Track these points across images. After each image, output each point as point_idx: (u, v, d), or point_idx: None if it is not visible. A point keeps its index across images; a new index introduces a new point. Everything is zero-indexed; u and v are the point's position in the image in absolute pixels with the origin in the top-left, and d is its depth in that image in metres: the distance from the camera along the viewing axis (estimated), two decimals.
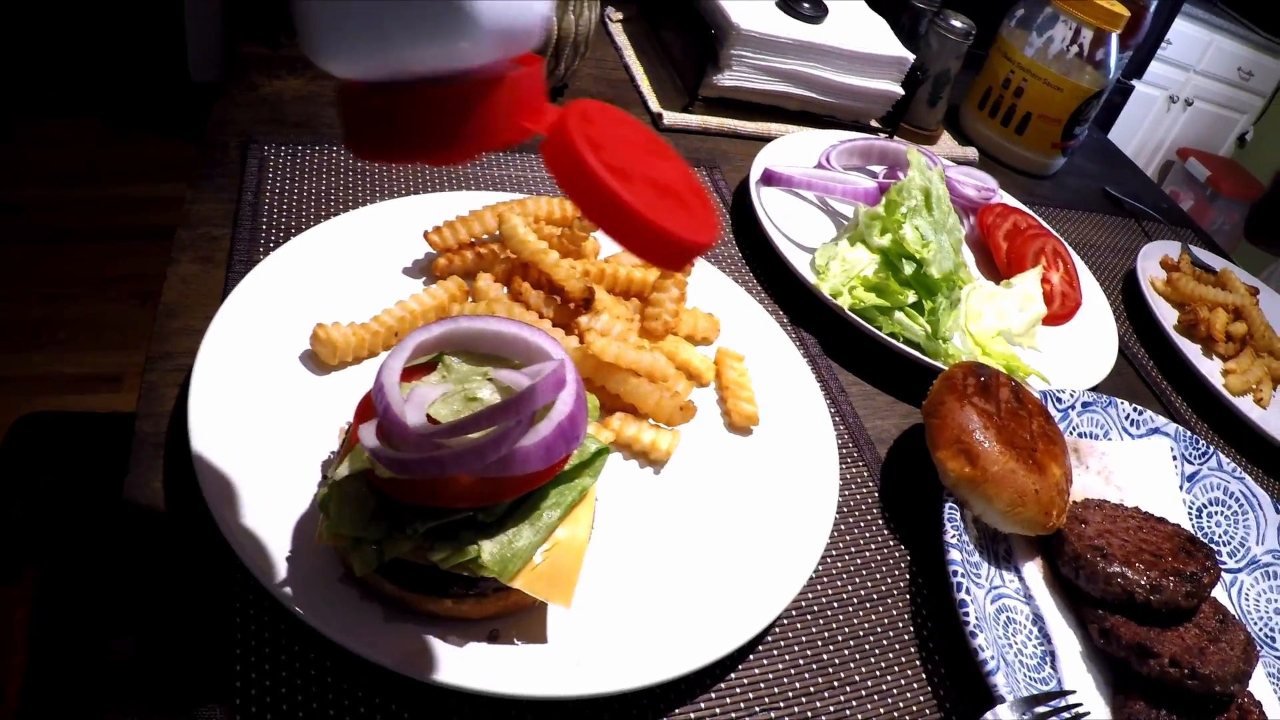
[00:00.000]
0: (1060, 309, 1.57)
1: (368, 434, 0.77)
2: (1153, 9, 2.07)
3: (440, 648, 0.80)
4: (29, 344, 3.05)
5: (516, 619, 0.85)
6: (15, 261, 3.31)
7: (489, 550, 0.78)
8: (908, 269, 1.34)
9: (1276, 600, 1.26)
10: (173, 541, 0.83)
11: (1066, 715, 0.99)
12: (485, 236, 1.19)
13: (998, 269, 1.63)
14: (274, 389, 0.96)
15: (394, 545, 0.77)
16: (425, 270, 1.17)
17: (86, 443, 1.63)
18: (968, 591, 1.01)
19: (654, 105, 1.75)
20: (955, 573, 1.02)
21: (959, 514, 1.09)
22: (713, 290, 1.28)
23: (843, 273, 1.35)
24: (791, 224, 1.50)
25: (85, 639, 1.35)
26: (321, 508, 0.80)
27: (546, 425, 0.77)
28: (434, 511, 0.78)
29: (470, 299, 1.13)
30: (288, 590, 0.78)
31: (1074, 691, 1.03)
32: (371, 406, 0.78)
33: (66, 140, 3.95)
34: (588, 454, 0.88)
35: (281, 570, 0.80)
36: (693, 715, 0.88)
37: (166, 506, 0.85)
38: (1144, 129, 5.95)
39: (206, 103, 1.40)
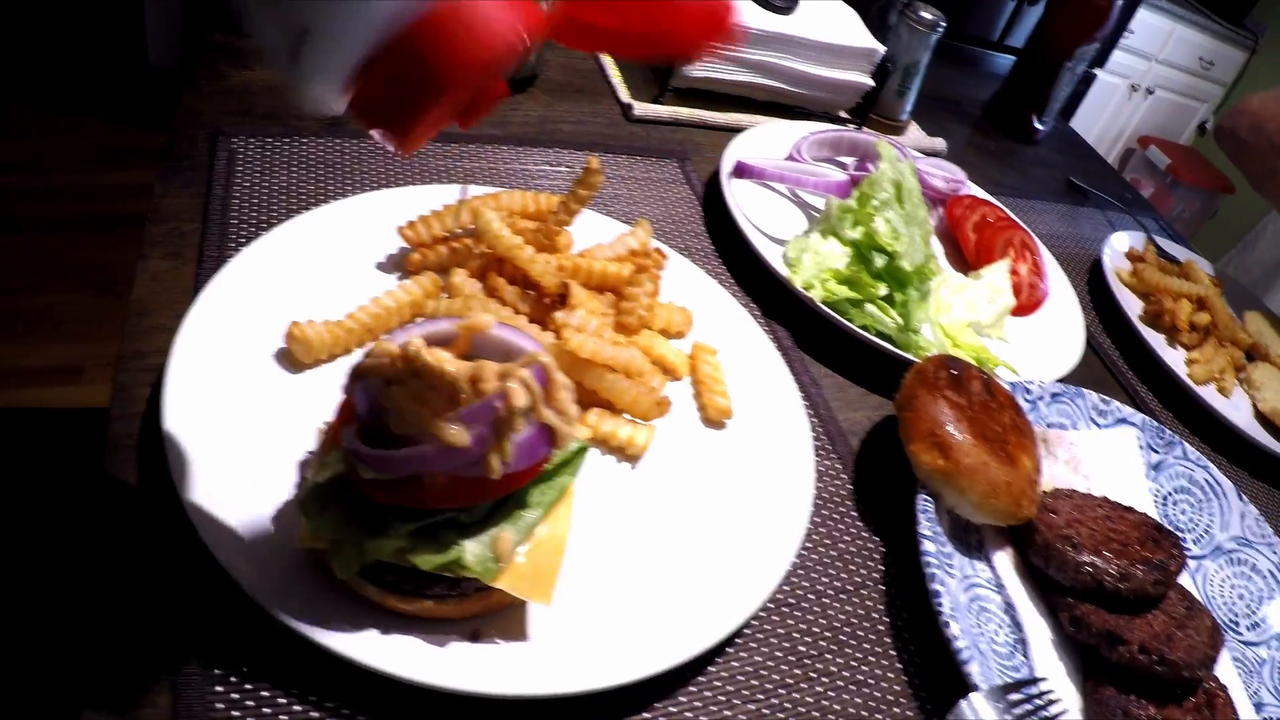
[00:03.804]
0: (1028, 300, 1.59)
1: (349, 436, 0.76)
2: (1120, 3, 2.09)
3: (422, 648, 0.80)
4: None
5: (498, 618, 0.85)
6: None
7: (472, 551, 0.78)
8: (879, 262, 1.35)
9: (1240, 586, 1.29)
10: (150, 546, 0.82)
11: (1039, 702, 1.01)
12: (460, 231, 1.18)
13: (966, 260, 1.64)
14: (249, 389, 0.95)
15: (376, 547, 0.77)
16: (400, 265, 1.16)
17: (52, 440, 1.61)
18: (941, 583, 1.02)
19: (624, 96, 1.75)
20: (929, 564, 1.03)
21: (932, 506, 1.10)
22: (686, 284, 1.29)
23: (815, 265, 1.36)
24: (763, 216, 1.50)
25: (61, 643, 1.33)
26: (302, 510, 0.79)
27: (530, 425, 0.77)
28: (416, 513, 0.77)
29: (445, 295, 1.12)
30: (267, 593, 0.77)
31: (1045, 679, 1.04)
32: (353, 407, 0.78)
33: (20, 126, 3.87)
34: (568, 452, 0.87)
35: (261, 573, 0.79)
36: (672, 709, 0.89)
37: (143, 511, 0.84)
38: (1105, 117, 6.00)
39: (165, 89, 1.38)
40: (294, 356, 0.99)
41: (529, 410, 0.76)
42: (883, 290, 1.35)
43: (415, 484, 0.75)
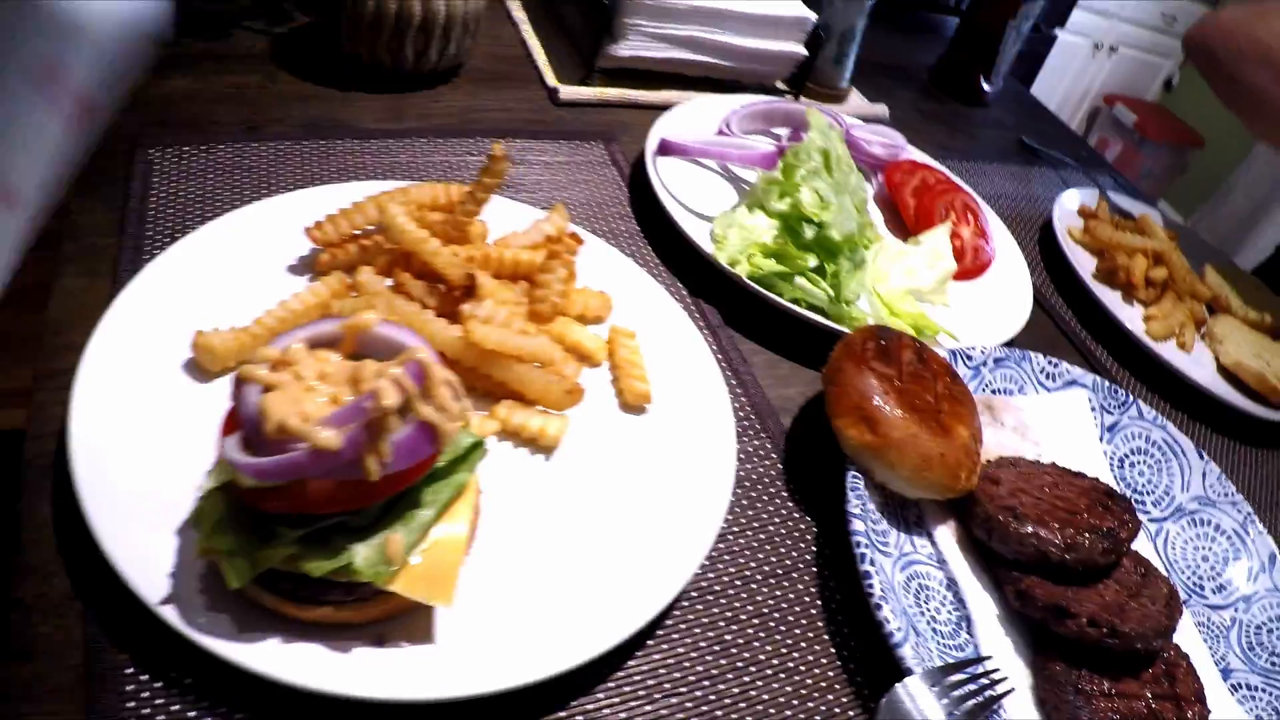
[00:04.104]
0: (972, 264, 1.54)
1: (230, 445, 0.74)
2: None
3: (326, 656, 0.77)
4: None
5: (403, 621, 0.82)
6: None
7: (362, 555, 0.75)
8: (808, 233, 1.30)
9: (1204, 548, 1.24)
10: (58, 565, 0.80)
11: (983, 681, 0.96)
12: (369, 228, 1.14)
13: (906, 226, 1.59)
14: (158, 401, 0.92)
15: (266, 556, 0.74)
16: (310, 266, 1.12)
17: None
18: (872, 562, 0.97)
19: (550, 80, 1.69)
20: (859, 543, 0.98)
21: (862, 483, 1.05)
22: (605, 268, 1.23)
23: (741, 240, 1.30)
24: (692, 194, 1.45)
25: None
26: (194, 522, 0.78)
27: (408, 424, 0.74)
28: (303, 519, 0.75)
29: (353, 294, 1.08)
30: (172, 608, 0.75)
31: (990, 657, 0.99)
32: (238, 418, 0.75)
33: None
34: (461, 448, 0.84)
35: (166, 587, 0.76)
36: (589, 707, 0.85)
37: (54, 531, 0.82)
38: (1070, 77, 5.96)
39: None
40: (201, 365, 0.96)
41: (405, 408, 0.74)
42: (812, 262, 1.29)
43: (298, 490, 0.73)
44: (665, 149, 1.47)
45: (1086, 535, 1.03)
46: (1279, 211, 3.02)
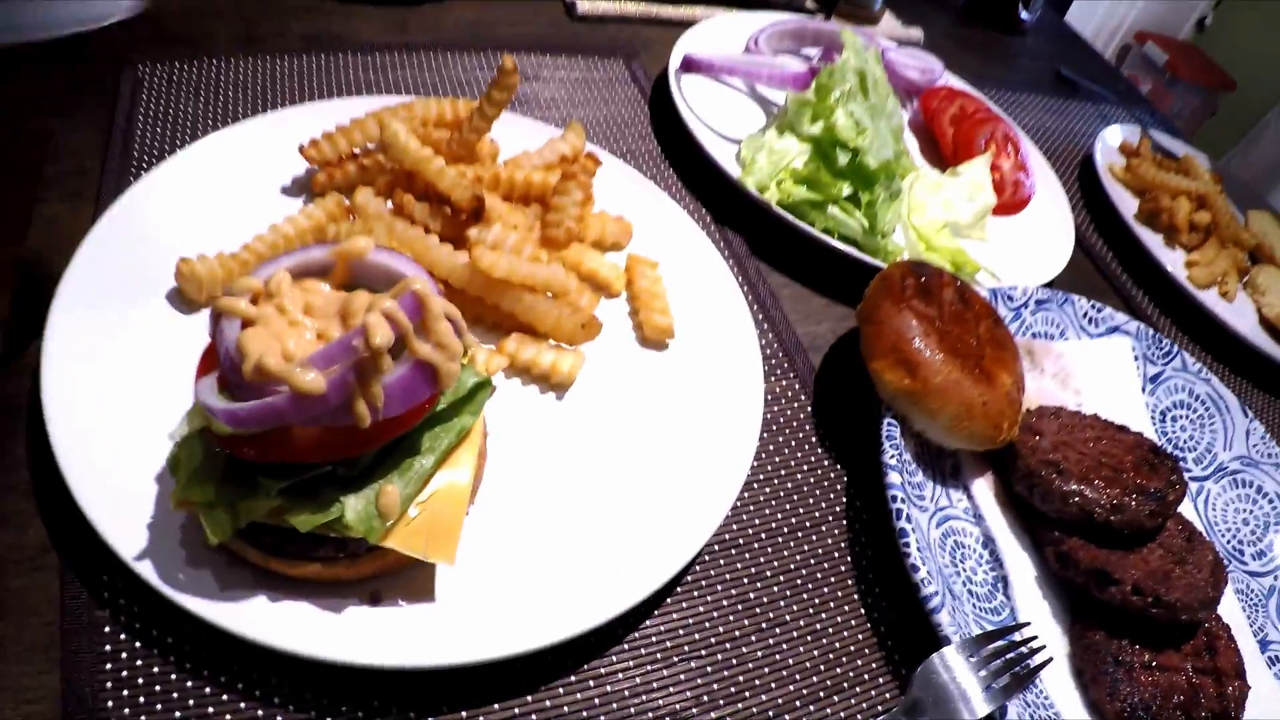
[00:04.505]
0: (1011, 198, 1.45)
1: (204, 387, 0.67)
2: None
3: (316, 616, 0.71)
4: None
5: (400, 578, 0.75)
6: None
7: (353, 508, 0.69)
8: (842, 159, 1.21)
9: (1245, 510, 1.17)
10: (30, 517, 0.74)
11: (1021, 651, 0.89)
12: (370, 146, 1.05)
13: (944, 156, 1.49)
14: (138, 335, 0.84)
15: (248, 508, 0.68)
16: (306, 187, 1.04)
17: None
18: (908, 519, 0.89)
19: None
20: (894, 498, 0.91)
21: (898, 430, 0.97)
22: (624, 191, 1.14)
23: (770, 165, 1.21)
24: (717, 115, 1.35)
25: None
26: (171, 470, 0.70)
27: (403, 364, 0.67)
28: (288, 468, 0.68)
29: (352, 218, 1.00)
30: (149, 564, 0.69)
31: (1028, 624, 0.92)
32: (214, 356, 0.68)
33: None
34: (464, 389, 0.77)
35: (144, 540, 0.70)
36: (602, 670, 0.78)
37: (31, 476, 0.76)
38: (1101, 12, 5.78)
39: None
40: (187, 295, 0.88)
41: (399, 346, 0.66)
42: (846, 190, 1.20)
43: (280, 437, 0.65)
44: (689, 66, 1.38)
45: (1133, 496, 0.96)
46: None
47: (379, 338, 0.63)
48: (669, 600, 0.85)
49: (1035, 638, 0.91)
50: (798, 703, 0.82)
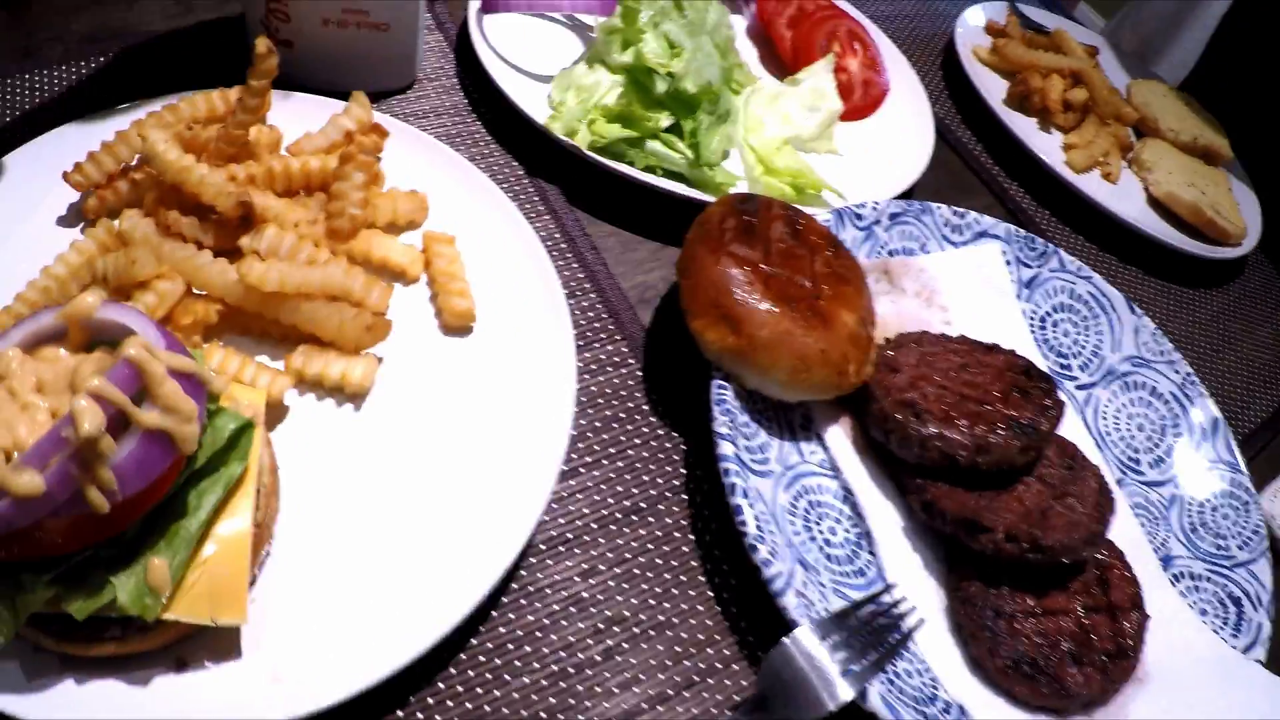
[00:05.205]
0: (862, 100, 1.33)
1: None
2: None
3: (123, 692, 0.68)
4: None
5: (202, 638, 0.71)
6: None
7: (124, 587, 0.65)
8: (659, 86, 1.08)
9: (1139, 415, 1.08)
10: None
11: (889, 618, 0.80)
12: (138, 159, 0.93)
13: (785, 65, 1.37)
14: None
15: (25, 603, 0.64)
16: (82, 216, 0.93)
17: None
18: (745, 494, 0.80)
19: None
20: (727, 471, 0.81)
21: (729, 392, 0.87)
22: (418, 161, 1.02)
23: (579, 105, 1.09)
24: (530, 57, 1.21)
25: None
26: None
27: (130, 438, 0.61)
28: (50, 561, 0.64)
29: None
30: None
31: (893, 586, 0.84)
32: None
33: None
34: (223, 437, 0.71)
35: None
36: (430, 701, 0.73)
37: None
38: None
39: None
40: None
41: (124, 420, 0.61)
42: (666, 121, 1.08)
43: (30, 534, 0.61)
44: (489, 5, 1.23)
45: (1001, 431, 0.87)
46: (1205, 7, 2.81)
47: (88, 424, 0.58)
48: (495, 613, 0.78)
49: (902, 600, 0.82)
50: (644, 705, 0.76)
